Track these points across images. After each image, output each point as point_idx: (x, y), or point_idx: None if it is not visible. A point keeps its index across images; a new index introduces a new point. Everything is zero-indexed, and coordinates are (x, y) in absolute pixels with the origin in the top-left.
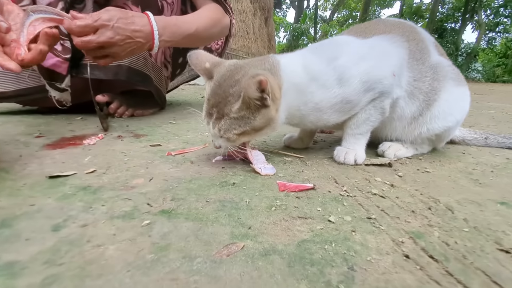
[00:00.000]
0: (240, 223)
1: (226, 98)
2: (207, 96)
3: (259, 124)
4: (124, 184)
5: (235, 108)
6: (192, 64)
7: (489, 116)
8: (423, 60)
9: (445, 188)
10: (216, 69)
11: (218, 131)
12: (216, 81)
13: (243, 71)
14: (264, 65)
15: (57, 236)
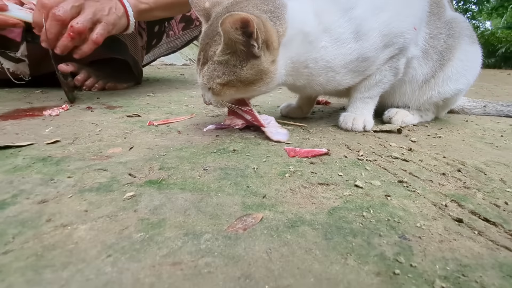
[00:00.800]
0: (251, 192)
1: (212, 38)
2: (200, 40)
3: (247, 75)
4: (96, 154)
5: (218, 50)
6: (192, 4)
7: (472, 92)
8: (439, 14)
9: (465, 151)
10: (215, 9)
11: (202, 78)
12: (210, 22)
13: (238, 7)
14: (267, 5)
15: (1, 215)
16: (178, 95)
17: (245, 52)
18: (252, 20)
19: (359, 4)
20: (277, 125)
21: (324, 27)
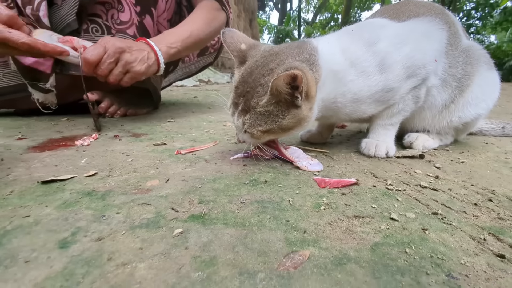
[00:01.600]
0: (291, 227)
1: (255, 88)
2: (236, 83)
3: (288, 123)
4: (136, 187)
5: (262, 102)
6: (226, 43)
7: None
8: (456, 44)
9: (492, 178)
10: (251, 52)
11: (242, 124)
12: (248, 67)
13: (278, 59)
14: (303, 54)
15: (67, 254)
16: (197, 120)
17: (287, 102)
18: (300, 76)
19: (382, 38)
20: (307, 156)
21: (350, 61)
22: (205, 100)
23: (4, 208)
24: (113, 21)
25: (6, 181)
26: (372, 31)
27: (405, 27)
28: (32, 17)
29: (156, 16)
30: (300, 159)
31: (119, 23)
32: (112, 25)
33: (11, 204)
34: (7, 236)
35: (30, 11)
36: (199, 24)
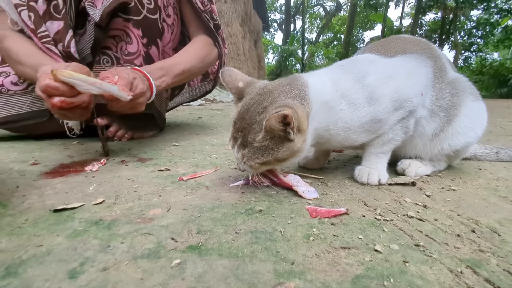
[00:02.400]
0: (281, 258)
1: (251, 125)
2: (234, 118)
3: (283, 155)
4: (140, 216)
5: (258, 138)
6: (225, 82)
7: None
8: (442, 77)
9: (479, 207)
10: (247, 89)
11: (241, 157)
12: (244, 104)
13: (271, 98)
14: (293, 90)
15: (75, 285)
16: (200, 144)
17: (281, 137)
18: (290, 115)
19: (371, 73)
20: (305, 183)
21: (341, 93)
22: (209, 121)
23: (20, 237)
24: (122, 53)
25: (21, 209)
26: (362, 65)
27: (392, 63)
28: (63, 53)
29: (161, 46)
30: (298, 185)
31: (127, 54)
32: (121, 56)
33: (26, 233)
34: (23, 266)
35: (61, 48)
36: (192, 59)
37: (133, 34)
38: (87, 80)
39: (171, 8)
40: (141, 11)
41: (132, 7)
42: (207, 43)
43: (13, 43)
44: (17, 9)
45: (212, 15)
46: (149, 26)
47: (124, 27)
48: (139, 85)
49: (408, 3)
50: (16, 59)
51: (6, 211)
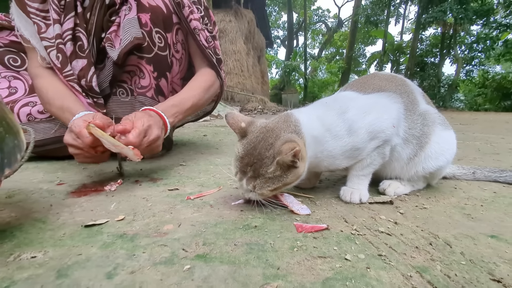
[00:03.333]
0: (269, 264)
1: (261, 160)
2: (240, 154)
3: (290, 180)
4: (156, 231)
5: (270, 170)
6: (229, 124)
7: (475, 148)
8: (414, 110)
9: (442, 224)
10: (250, 128)
11: (252, 187)
12: (250, 142)
13: (275, 135)
14: (290, 127)
15: (112, 283)
16: (205, 164)
17: (289, 166)
18: (298, 150)
19: (350, 109)
20: (298, 202)
21: (326, 127)
22: (214, 139)
23: (62, 248)
24: (136, 86)
25: (58, 224)
26: (343, 102)
27: (369, 99)
28: (86, 87)
29: (170, 78)
30: (293, 204)
31: (140, 87)
32: (135, 89)
33: (66, 245)
34: (70, 270)
35: (84, 82)
36: (199, 93)
37: (146, 70)
38: (112, 142)
39: (179, 45)
40: (152, 49)
41: (145, 46)
42: (210, 75)
43: (43, 83)
44: (47, 50)
45: (216, 51)
46: (159, 61)
47: (138, 63)
48: (154, 132)
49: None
50: (45, 99)
51: (46, 226)
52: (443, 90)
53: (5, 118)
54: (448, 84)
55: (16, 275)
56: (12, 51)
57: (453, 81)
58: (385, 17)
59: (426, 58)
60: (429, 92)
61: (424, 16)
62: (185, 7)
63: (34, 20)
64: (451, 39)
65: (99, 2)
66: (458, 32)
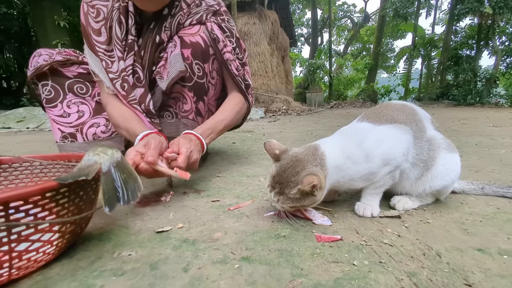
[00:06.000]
0: (295, 266)
1: (287, 182)
2: (273, 173)
3: (307, 204)
4: (210, 237)
5: (292, 193)
6: (266, 149)
7: (497, 158)
8: (421, 137)
9: (439, 237)
10: (282, 155)
11: (277, 201)
12: (282, 166)
13: (302, 165)
14: (316, 160)
15: (188, 275)
16: (238, 175)
17: (308, 193)
18: (317, 184)
19: (367, 140)
20: (320, 214)
21: (347, 156)
22: (242, 146)
23: (145, 249)
24: (179, 110)
25: (136, 230)
26: (361, 134)
27: (382, 130)
28: (145, 110)
29: (207, 100)
30: (315, 217)
31: (183, 111)
32: (179, 112)
33: (148, 246)
34: (157, 264)
35: (143, 106)
36: (230, 115)
37: (187, 96)
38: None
39: (215, 72)
40: (193, 78)
41: (187, 77)
42: (240, 99)
43: (112, 110)
44: (112, 81)
45: (245, 77)
46: (198, 88)
47: (181, 91)
48: (194, 156)
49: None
50: (115, 123)
51: (129, 231)
52: (480, 85)
53: (127, 168)
54: (486, 78)
55: (124, 267)
56: (80, 81)
57: (491, 74)
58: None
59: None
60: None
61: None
62: (219, 42)
63: (101, 58)
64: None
65: (151, 41)
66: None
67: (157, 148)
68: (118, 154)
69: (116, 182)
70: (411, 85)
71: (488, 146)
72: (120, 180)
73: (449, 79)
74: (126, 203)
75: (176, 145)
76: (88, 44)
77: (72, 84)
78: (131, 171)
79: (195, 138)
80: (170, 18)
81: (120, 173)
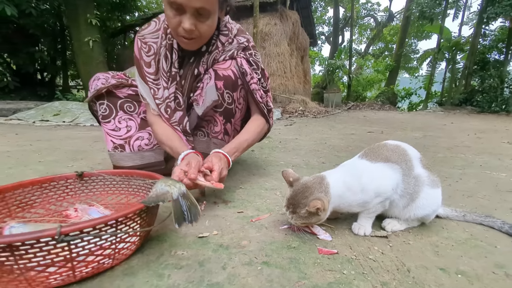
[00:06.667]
0: (301, 271)
1: (298, 204)
2: (288, 196)
3: (313, 221)
4: (238, 244)
5: (302, 212)
6: (283, 177)
7: (494, 183)
8: (409, 174)
9: (414, 257)
10: (295, 182)
11: (291, 218)
12: (295, 191)
13: (309, 191)
14: (321, 187)
15: (226, 272)
16: (258, 188)
17: (314, 213)
18: (321, 207)
19: (363, 175)
20: (323, 230)
21: (347, 187)
22: (260, 155)
23: (193, 249)
24: (211, 131)
25: (183, 234)
26: (359, 169)
27: (376, 168)
28: (182, 130)
29: (233, 122)
30: (319, 233)
31: (214, 132)
32: (210, 133)
33: (194, 248)
34: (204, 262)
35: (181, 127)
36: (252, 136)
37: (218, 119)
38: (207, 185)
39: (241, 99)
40: (223, 104)
41: (218, 104)
42: (261, 121)
43: (157, 129)
44: (158, 106)
45: (267, 103)
46: (227, 112)
47: (213, 115)
48: (223, 172)
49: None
50: (160, 141)
51: (177, 235)
52: (508, 92)
53: (190, 198)
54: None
55: (180, 263)
56: (129, 101)
57: None
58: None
59: (488, 55)
60: (490, 94)
61: (489, 10)
62: (247, 75)
63: (150, 86)
64: None
65: (190, 73)
66: None
67: (196, 167)
68: (183, 187)
69: (183, 207)
70: (434, 88)
71: (492, 168)
72: (186, 206)
73: (474, 84)
74: (190, 222)
75: (210, 162)
76: (140, 74)
77: (122, 103)
78: (193, 200)
79: (223, 157)
80: (207, 54)
81: (185, 201)
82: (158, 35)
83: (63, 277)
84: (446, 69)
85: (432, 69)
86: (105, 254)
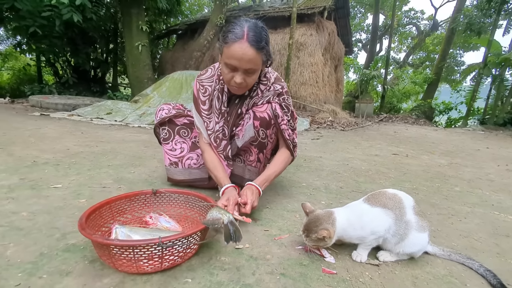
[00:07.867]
0: (307, 284)
1: (311, 230)
2: (304, 223)
3: (322, 245)
4: (264, 257)
5: (313, 237)
6: (302, 208)
7: (495, 226)
8: (401, 219)
9: (395, 285)
10: (310, 214)
11: (305, 240)
12: (309, 220)
13: (320, 222)
14: (329, 220)
15: (254, 278)
16: (281, 209)
17: (322, 239)
18: (327, 236)
19: (364, 215)
20: (329, 254)
21: (350, 223)
22: (285, 174)
23: (232, 257)
24: (246, 159)
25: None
26: (361, 211)
27: (375, 212)
28: (225, 156)
29: (265, 152)
30: (326, 255)
31: (249, 160)
32: (246, 161)
33: (232, 256)
34: (240, 268)
35: (224, 153)
36: (279, 167)
37: (253, 151)
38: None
39: (273, 135)
40: (258, 139)
41: (254, 139)
42: (287, 154)
43: (207, 156)
44: (209, 136)
45: (293, 140)
46: (261, 145)
47: (249, 147)
48: (255, 204)
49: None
50: (208, 167)
51: (219, 244)
52: None
53: (235, 224)
54: None
55: (224, 266)
56: (184, 128)
57: None
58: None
59: None
60: None
61: None
62: (279, 117)
63: (204, 119)
64: None
65: (234, 112)
66: None
67: (234, 203)
68: (231, 216)
69: (230, 231)
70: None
71: (503, 209)
72: (232, 230)
73: None
74: (234, 242)
75: (245, 196)
76: (197, 109)
77: (179, 129)
78: (237, 226)
79: (256, 190)
80: (249, 98)
81: (232, 226)
82: (213, 80)
83: (156, 266)
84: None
85: (476, 85)
86: (179, 255)
